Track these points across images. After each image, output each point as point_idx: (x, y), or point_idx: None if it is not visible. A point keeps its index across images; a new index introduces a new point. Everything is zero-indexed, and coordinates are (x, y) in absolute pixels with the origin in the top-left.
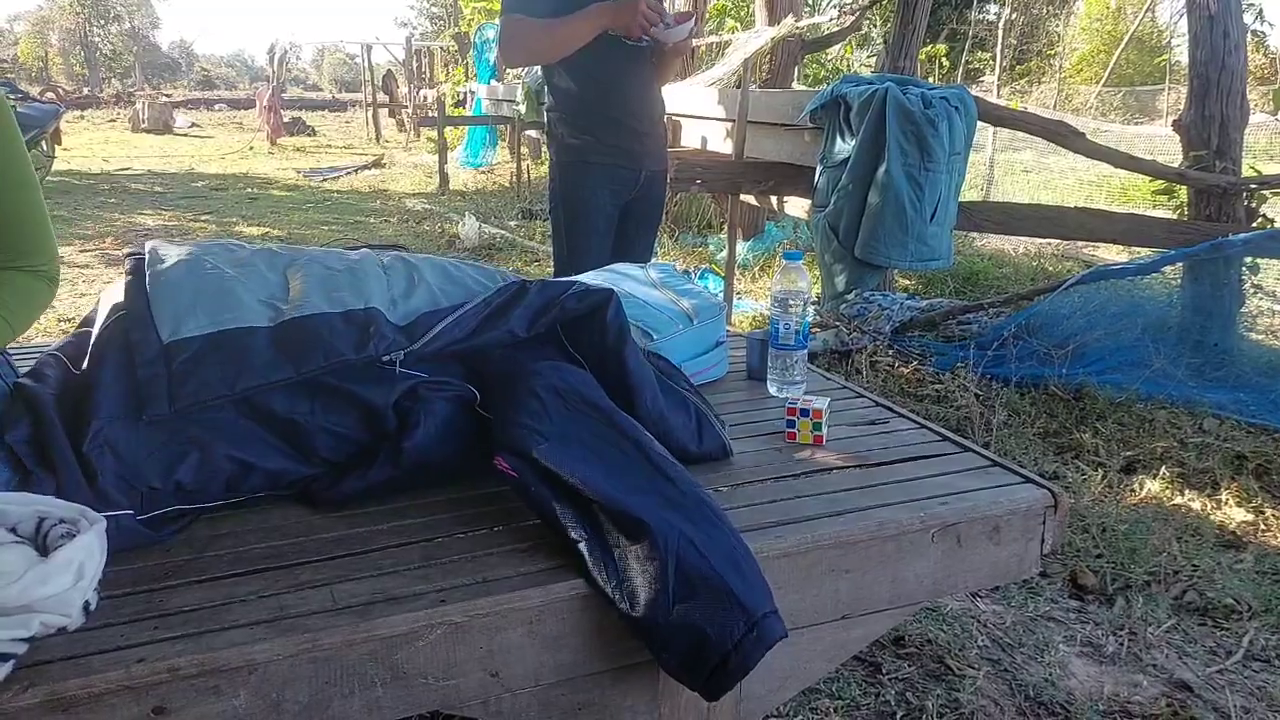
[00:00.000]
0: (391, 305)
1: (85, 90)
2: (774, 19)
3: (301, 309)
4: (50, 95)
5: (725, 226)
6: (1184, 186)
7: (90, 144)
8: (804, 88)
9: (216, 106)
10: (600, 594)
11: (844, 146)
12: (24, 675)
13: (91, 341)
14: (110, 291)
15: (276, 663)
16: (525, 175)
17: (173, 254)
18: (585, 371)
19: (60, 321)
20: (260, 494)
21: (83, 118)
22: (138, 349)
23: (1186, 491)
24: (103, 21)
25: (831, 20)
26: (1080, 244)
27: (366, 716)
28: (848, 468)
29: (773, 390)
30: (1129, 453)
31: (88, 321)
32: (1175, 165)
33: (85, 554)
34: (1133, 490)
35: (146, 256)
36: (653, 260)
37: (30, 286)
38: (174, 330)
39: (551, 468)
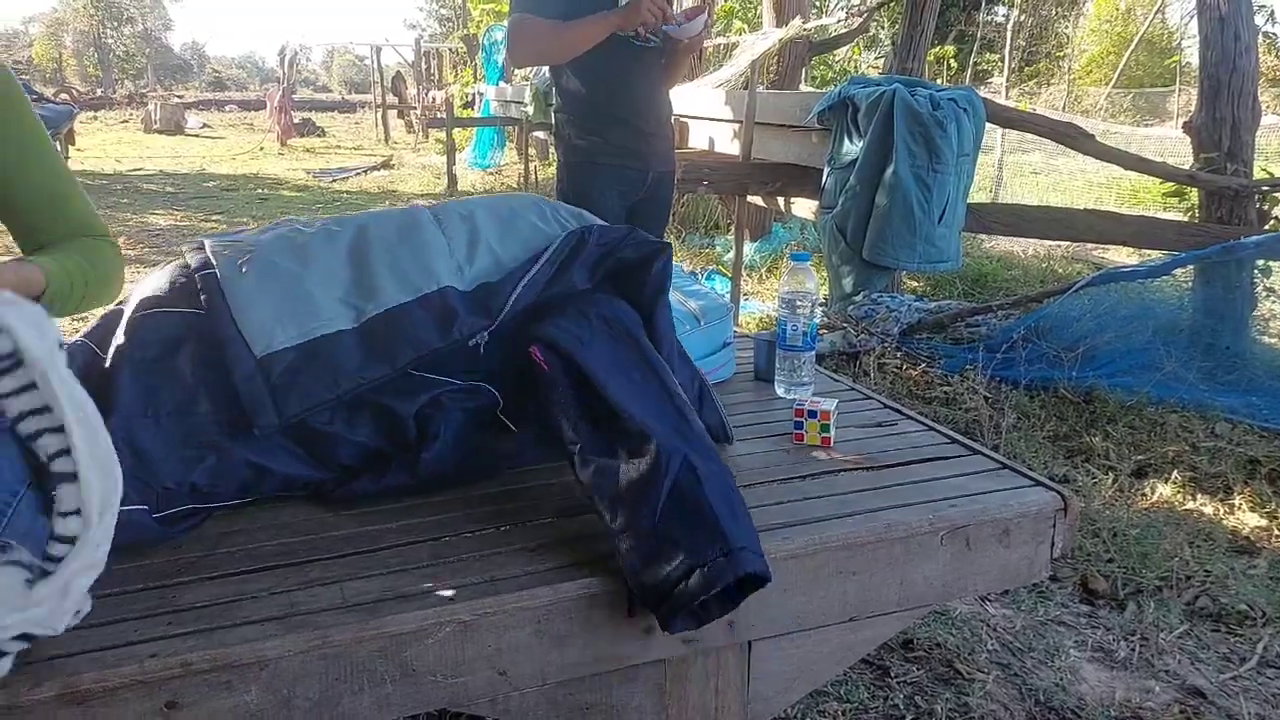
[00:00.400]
0: (458, 273)
1: (99, 91)
2: (781, 21)
3: (380, 303)
4: (64, 96)
5: (732, 227)
6: (1195, 189)
7: (103, 144)
8: (811, 89)
9: (227, 108)
10: (588, 503)
11: (851, 148)
12: (39, 670)
13: (121, 333)
14: (146, 283)
15: (287, 659)
16: (533, 176)
17: (239, 256)
18: (634, 311)
19: (73, 321)
20: (272, 494)
21: (96, 118)
22: (233, 365)
23: (1199, 496)
24: (116, 23)
25: (839, 22)
26: (1090, 246)
27: (376, 713)
28: (856, 469)
29: (780, 391)
30: (1140, 456)
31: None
32: (1186, 167)
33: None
34: (1144, 494)
35: (217, 268)
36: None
37: (111, 252)
38: (266, 345)
39: (584, 367)
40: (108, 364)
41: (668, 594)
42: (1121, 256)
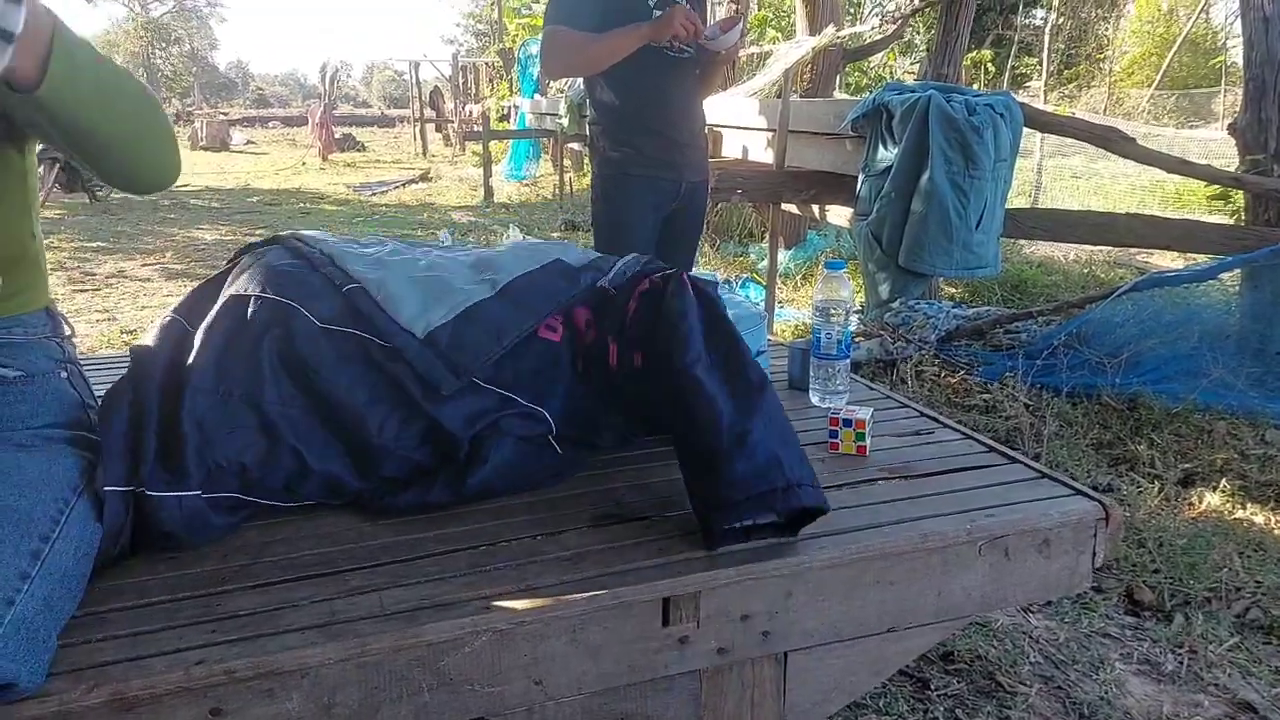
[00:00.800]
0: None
1: None
2: (815, 28)
3: (510, 274)
4: None
5: (766, 235)
6: (1241, 191)
7: None
8: (846, 96)
9: (271, 124)
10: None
11: (886, 155)
12: (89, 676)
13: (214, 314)
14: (244, 277)
15: (328, 667)
16: (568, 187)
17: (371, 266)
18: None
19: (123, 333)
20: (314, 501)
21: None
22: (402, 349)
23: (1248, 505)
24: (164, 44)
25: (873, 29)
26: (1133, 251)
27: None
28: (892, 479)
29: (815, 400)
30: (1187, 465)
31: (215, 281)
32: (1231, 170)
33: None
34: (1191, 503)
35: (362, 283)
36: (694, 270)
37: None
38: (425, 326)
39: (720, 308)
40: (195, 340)
41: (761, 494)
42: (1166, 261)
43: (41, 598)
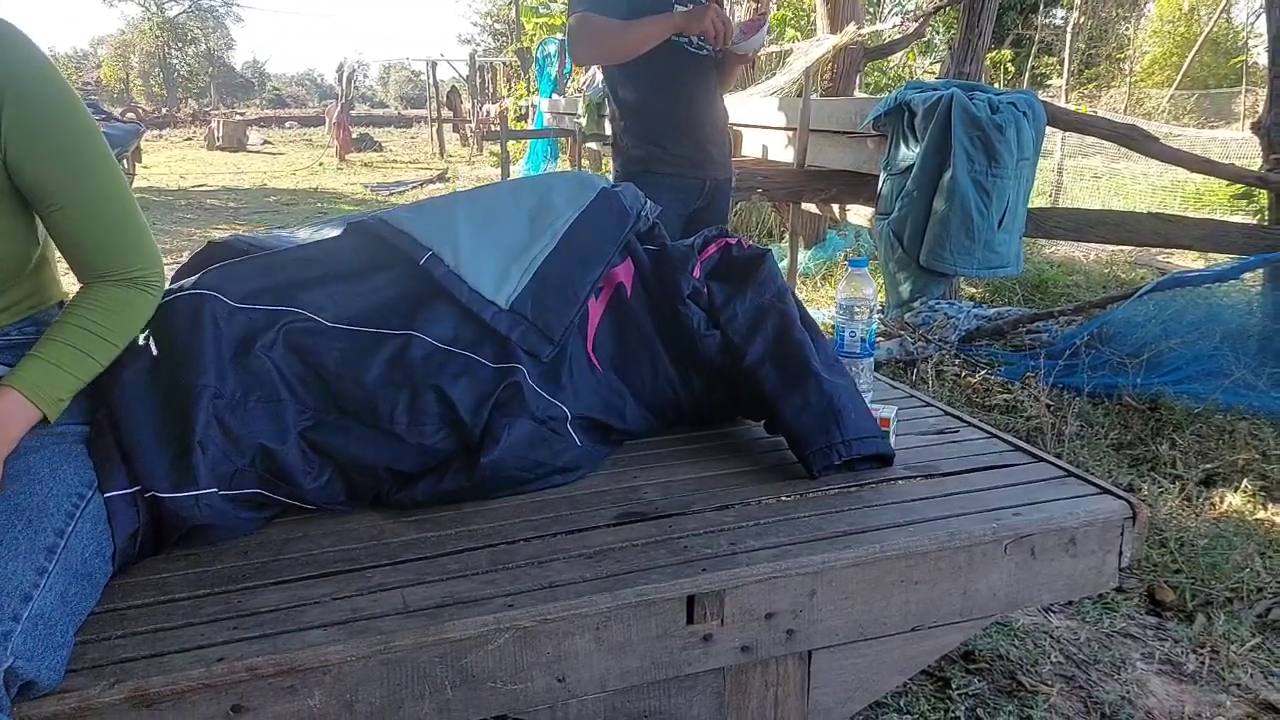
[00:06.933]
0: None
1: (163, 110)
2: (835, 27)
3: (567, 219)
4: (131, 115)
5: (786, 235)
6: (1264, 191)
7: (168, 162)
8: (866, 95)
9: (287, 124)
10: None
11: (908, 153)
12: (110, 672)
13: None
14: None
15: (350, 664)
16: None
17: (442, 229)
18: None
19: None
20: (337, 499)
21: (161, 136)
22: (495, 325)
23: (1270, 505)
24: (180, 44)
25: (894, 27)
26: (1154, 251)
27: (436, 718)
28: (916, 478)
29: None
30: (1208, 465)
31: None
32: (1254, 169)
33: None
34: (1213, 504)
35: (434, 250)
36: None
37: (124, 298)
38: (508, 295)
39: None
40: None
41: (867, 440)
42: (1187, 261)
43: (59, 593)
